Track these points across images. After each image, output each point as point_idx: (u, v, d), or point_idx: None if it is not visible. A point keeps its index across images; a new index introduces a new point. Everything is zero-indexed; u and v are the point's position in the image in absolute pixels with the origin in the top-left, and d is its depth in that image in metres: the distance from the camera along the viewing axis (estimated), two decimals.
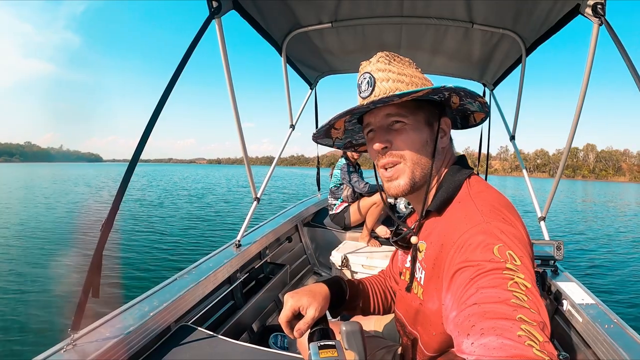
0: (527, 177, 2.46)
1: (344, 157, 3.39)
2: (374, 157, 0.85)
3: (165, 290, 1.47)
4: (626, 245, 10.26)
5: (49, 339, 3.52)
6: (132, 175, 1.21)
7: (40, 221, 10.63)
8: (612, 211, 21.46)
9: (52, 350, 1.04)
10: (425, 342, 0.81)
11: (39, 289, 4.99)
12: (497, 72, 2.72)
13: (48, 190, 23.24)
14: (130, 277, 5.44)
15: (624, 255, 8.86)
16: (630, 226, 14.92)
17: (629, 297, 5.52)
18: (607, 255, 8.57)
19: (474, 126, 0.97)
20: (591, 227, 13.97)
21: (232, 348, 1.24)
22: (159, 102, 1.29)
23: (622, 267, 7.48)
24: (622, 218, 17.87)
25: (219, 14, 1.62)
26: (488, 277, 0.55)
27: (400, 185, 0.81)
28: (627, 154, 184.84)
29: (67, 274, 5.54)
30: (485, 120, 0.93)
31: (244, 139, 2.05)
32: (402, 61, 0.84)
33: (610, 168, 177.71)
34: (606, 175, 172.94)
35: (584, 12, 1.48)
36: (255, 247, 2.20)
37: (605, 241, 10.69)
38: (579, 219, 16.57)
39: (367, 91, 0.81)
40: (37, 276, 5.53)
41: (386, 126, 0.81)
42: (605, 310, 1.37)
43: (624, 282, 6.35)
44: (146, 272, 5.84)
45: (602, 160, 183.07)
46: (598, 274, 6.83)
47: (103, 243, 1.11)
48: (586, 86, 1.59)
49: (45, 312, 4.21)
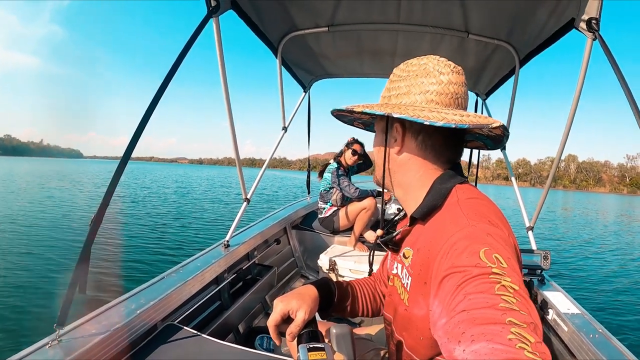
0: (517, 186, 2.50)
1: (336, 161, 3.39)
2: None
3: (152, 289, 1.45)
4: (610, 254, 10.52)
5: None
6: (122, 172, 1.19)
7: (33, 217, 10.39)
8: (595, 222, 21.92)
9: (37, 345, 1.03)
10: (411, 346, 0.81)
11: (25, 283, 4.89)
12: (490, 82, 2.76)
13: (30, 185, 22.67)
14: (117, 274, 5.36)
15: (606, 261, 9.10)
16: (613, 236, 15.32)
17: (615, 306, 5.63)
18: (591, 264, 8.74)
19: (492, 149, 0.96)
20: (574, 236, 14.26)
21: (218, 348, 1.23)
22: (153, 100, 1.28)
23: (606, 275, 7.66)
24: (603, 228, 18.31)
25: (216, 13, 1.61)
26: (475, 282, 0.55)
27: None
28: (608, 165, 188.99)
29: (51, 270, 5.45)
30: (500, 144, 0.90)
31: (236, 140, 2.05)
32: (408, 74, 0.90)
33: (591, 179, 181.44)
34: (587, 185, 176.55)
35: (578, 27, 1.51)
36: (243, 248, 2.19)
37: (589, 250, 10.91)
38: (564, 228, 16.90)
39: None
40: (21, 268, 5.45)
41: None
42: (590, 320, 1.39)
43: (610, 291, 6.48)
44: (135, 269, 5.79)
45: (583, 171, 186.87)
46: (582, 282, 6.95)
47: (92, 238, 1.09)
48: (578, 98, 1.63)
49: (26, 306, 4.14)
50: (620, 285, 6.94)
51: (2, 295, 4.44)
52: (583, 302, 2.04)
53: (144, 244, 7.42)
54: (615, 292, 6.50)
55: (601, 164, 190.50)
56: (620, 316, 5.23)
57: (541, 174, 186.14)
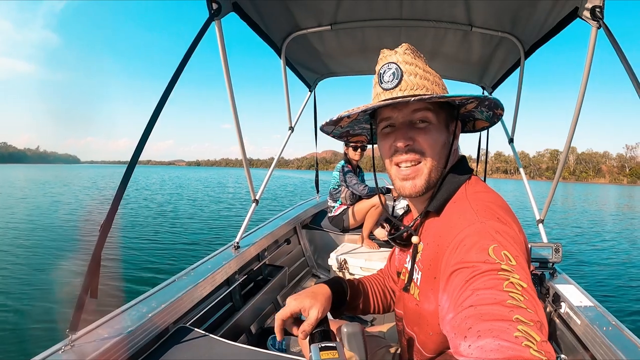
0: (526, 179, 2.50)
1: (344, 159, 3.38)
2: (389, 153, 0.82)
3: (163, 292, 1.46)
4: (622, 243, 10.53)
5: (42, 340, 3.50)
6: (131, 177, 1.20)
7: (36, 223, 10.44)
8: (599, 213, 21.89)
9: (50, 350, 1.03)
10: (422, 342, 0.82)
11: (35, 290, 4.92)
12: (496, 75, 2.75)
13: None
14: (127, 279, 5.37)
15: (616, 251, 9.09)
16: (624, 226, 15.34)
17: (628, 298, 5.62)
18: (602, 256, 8.71)
19: (470, 132, 0.97)
20: (582, 226, 14.28)
21: (230, 349, 1.23)
22: (159, 104, 1.28)
23: (618, 267, 7.63)
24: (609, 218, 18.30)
25: (218, 15, 1.61)
26: (483, 278, 0.55)
27: (417, 185, 0.80)
28: (607, 156, 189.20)
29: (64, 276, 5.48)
30: (485, 129, 0.94)
31: (243, 142, 2.04)
32: (421, 57, 0.83)
33: (591, 170, 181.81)
34: (586, 177, 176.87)
35: (582, 16, 1.50)
36: (254, 248, 2.19)
37: (597, 240, 10.92)
38: (571, 219, 16.87)
39: (392, 83, 0.77)
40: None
41: (409, 123, 0.79)
42: (604, 313, 1.39)
43: (623, 283, 6.45)
44: (145, 271, 5.81)
45: (582, 162, 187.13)
46: (593, 275, 6.91)
47: (102, 244, 1.10)
48: (584, 89, 1.62)
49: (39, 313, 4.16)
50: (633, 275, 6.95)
51: (15, 301, 4.49)
52: (595, 293, 2.03)
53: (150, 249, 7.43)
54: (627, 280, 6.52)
55: (600, 154, 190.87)
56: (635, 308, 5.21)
57: (540, 167, 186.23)
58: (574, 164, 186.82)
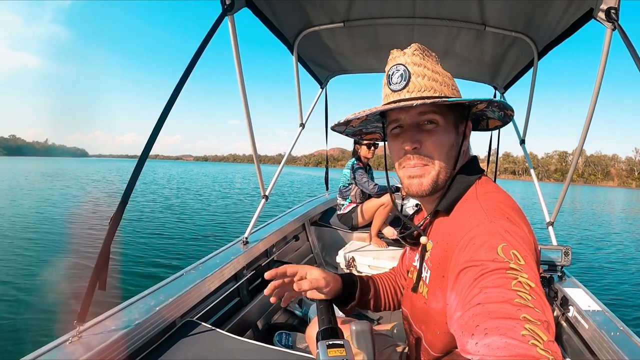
0: (536, 181, 2.48)
1: (355, 157, 3.38)
2: (398, 155, 0.83)
3: (171, 286, 1.47)
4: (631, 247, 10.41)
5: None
6: (141, 171, 1.21)
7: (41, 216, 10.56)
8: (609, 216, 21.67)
9: (58, 341, 1.05)
10: (430, 341, 0.82)
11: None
12: (509, 76, 2.72)
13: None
14: (134, 273, 5.44)
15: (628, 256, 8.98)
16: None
17: (637, 303, 5.57)
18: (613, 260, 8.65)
19: (484, 130, 0.98)
20: (593, 230, 14.17)
21: (237, 344, 1.24)
22: (170, 99, 1.29)
23: (626, 271, 7.56)
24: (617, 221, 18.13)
25: (231, 11, 1.60)
26: (492, 277, 0.55)
27: (423, 184, 0.80)
28: (616, 159, 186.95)
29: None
30: (497, 128, 0.94)
31: (254, 138, 2.05)
32: (431, 56, 0.83)
33: (599, 173, 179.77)
34: (595, 180, 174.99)
35: (597, 17, 1.48)
36: (262, 244, 2.20)
37: (608, 244, 10.83)
38: (583, 222, 16.75)
39: (400, 84, 0.78)
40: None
41: (417, 125, 0.80)
42: (611, 317, 1.38)
43: (631, 288, 6.39)
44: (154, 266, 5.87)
45: (591, 165, 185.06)
46: (601, 279, 6.86)
47: (111, 236, 1.11)
48: (598, 91, 1.60)
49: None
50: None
51: (23, 293, 4.55)
52: (602, 297, 2.01)
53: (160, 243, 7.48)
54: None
55: (609, 157, 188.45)
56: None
57: (548, 168, 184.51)
58: (582, 167, 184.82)
